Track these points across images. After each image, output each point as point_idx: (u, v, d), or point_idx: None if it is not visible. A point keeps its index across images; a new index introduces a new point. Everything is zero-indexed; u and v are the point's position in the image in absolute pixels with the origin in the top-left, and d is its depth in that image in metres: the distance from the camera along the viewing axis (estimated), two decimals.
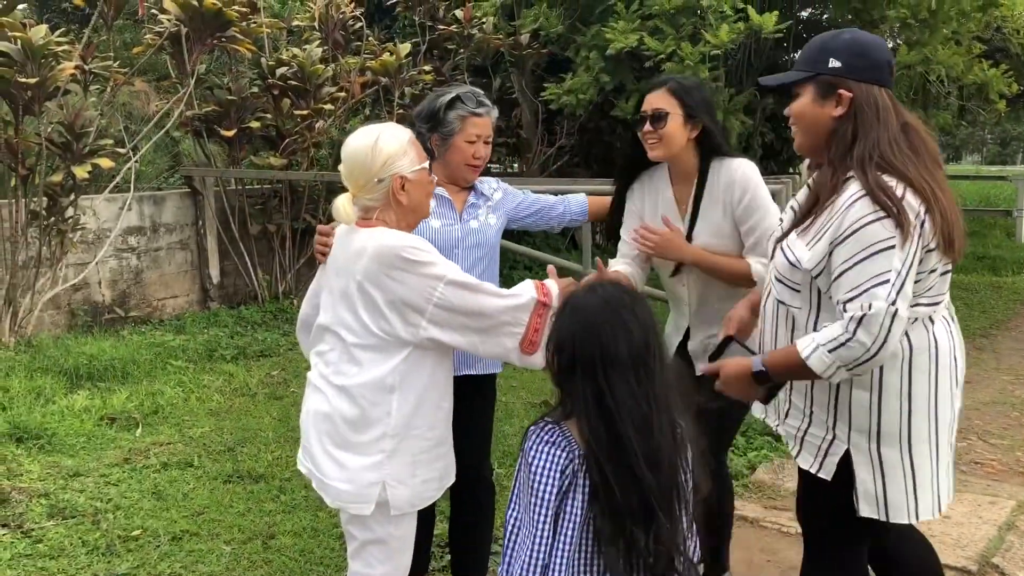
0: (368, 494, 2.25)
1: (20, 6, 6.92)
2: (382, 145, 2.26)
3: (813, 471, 2.20)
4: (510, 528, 1.78)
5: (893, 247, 1.95)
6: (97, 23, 6.68)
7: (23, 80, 5.66)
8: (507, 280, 3.00)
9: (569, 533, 1.69)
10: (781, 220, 2.35)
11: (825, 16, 9.01)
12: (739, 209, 2.69)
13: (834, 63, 2.11)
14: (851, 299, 1.98)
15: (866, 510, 2.14)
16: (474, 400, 2.86)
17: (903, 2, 7.42)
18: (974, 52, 7.81)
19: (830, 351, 1.99)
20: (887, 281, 1.95)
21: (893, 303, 1.95)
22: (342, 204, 2.26)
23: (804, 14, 9.06)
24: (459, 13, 8.70)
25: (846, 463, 2.15)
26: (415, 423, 2.28)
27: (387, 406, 2.24)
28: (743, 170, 2.70)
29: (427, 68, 8.56)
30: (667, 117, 2.66)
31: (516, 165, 10.46)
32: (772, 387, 2.21)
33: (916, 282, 2.02)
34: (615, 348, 1.68)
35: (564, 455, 1.70)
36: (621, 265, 2.86)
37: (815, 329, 2.11)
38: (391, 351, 2.24)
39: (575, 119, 8.77)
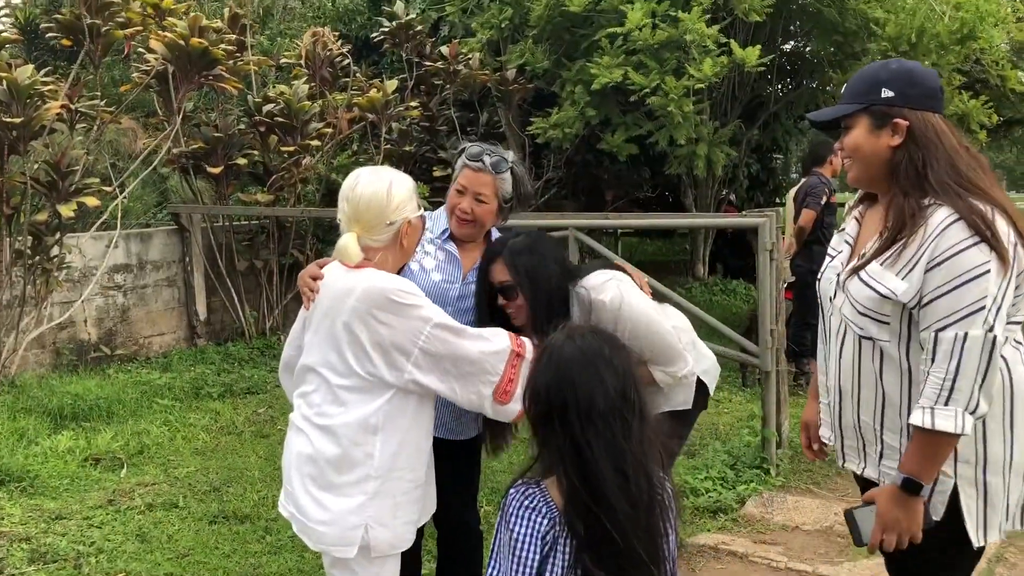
0: (351, 536, 2.23)
1: (7, 45, 6.94)
2: (396, 190, 2.33)
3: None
4: None
5: (989, 272, 1.90)
6: (84, 60, 6.70)
7: (8, 120, 5.66)
8: None
9: None
10: (831, 256, 2.28)
11: (808, 49, 9.12)
12: (624, 338, 2.51)
13: (886, 92, 2.08)
14: (946, 327, 1.92)
15: (976, 539, 2.04)
16: (461, 457, 2.86)
17: (884, 35, 7.53)
18: (954, 83, 7.90)
19: (947, 403, 1.91)
20: (983, 308, 1.89)
21: (991, 329, 1.89)
22: (350, 243, 2.29)
23: (787, 47, 9.17)
24: (445, 49, 8.76)
25: (952, 499, 2.03)
26: (398, 464, 2.27)
27: (370, 447, 2.23)
28: (609, 303, 2.57)
29: (414, 104, 8.60)
30: (514, 289, 2.59)
31: None
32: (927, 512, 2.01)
33: (1011, 305, 1.97)
34: (589, 400, 1.66)
35: (545, 521, 1.69)
36: None
37: (908, 359, 2.04)
38: (375, 392, 2.24)
39: (562, 152, 8.83)
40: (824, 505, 4.24)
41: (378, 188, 2.31)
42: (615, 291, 2.60)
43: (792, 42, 9.27)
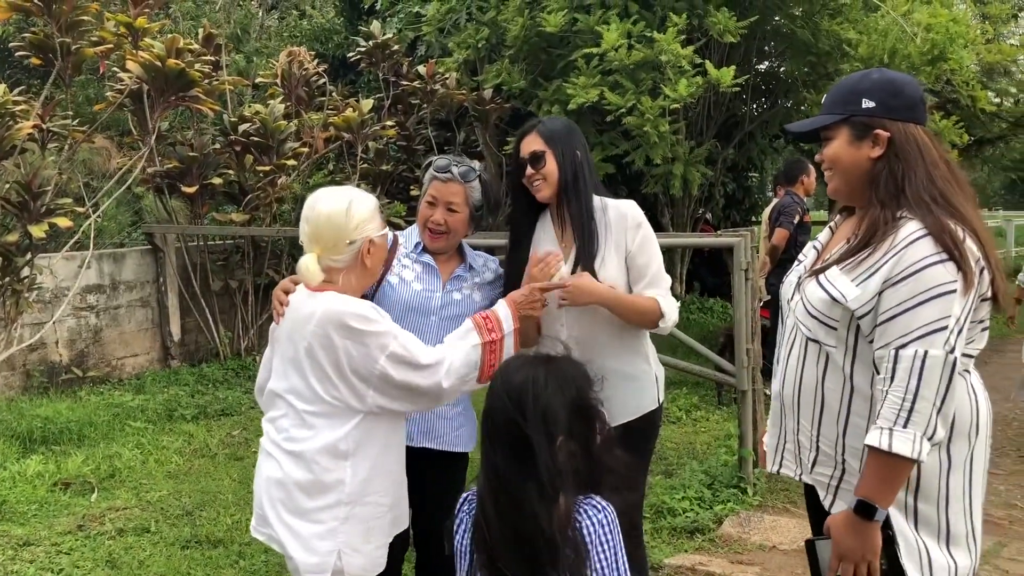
0: (323, 563, 2.21)
1: None
2: (355, 209, 2.28)
3: None
4: None
5: (954, 292, 1.84)
6: (57, 79, 6.65)
7: None
8: None
9: None
10: (799, 261, 2.28)
11: (782, 69, 9.22)
12: (633, 246, 2.63)
13: (867, 103, 2.03)
14: (905, 344, 1.86)
15: (912, 570, 1.95)
16: (446, 472, 2.83)
17: (856, 56, 7.62)
18: (926, 104, 7.99)
19: (905, 425, 1.83)
20: (945, 328, 1.84)
21: (952, 350, 1.83)
22: (310, 263, 2.25)
23: (761, 67, 9.26)
24: (422, 69, 8.78)
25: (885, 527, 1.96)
26: (369, 489, 2.25)
27: (341, 473, 2.21)
28: (632, 208, 2.68)
29: (390, 123, 8.59)
30: (544, 156, 2.64)
31: None
32: (887, 533, 1.93)
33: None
34: (516, 436, 1.73)
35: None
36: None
37: (852, 368, 2.00)
38: (343, 417, 2.22)
39: None
40: (801, 524, 4.23)
41: (337, 207, 2.27)
42: (639, 210, 2.69)
43: (766, 62, 9.36)
